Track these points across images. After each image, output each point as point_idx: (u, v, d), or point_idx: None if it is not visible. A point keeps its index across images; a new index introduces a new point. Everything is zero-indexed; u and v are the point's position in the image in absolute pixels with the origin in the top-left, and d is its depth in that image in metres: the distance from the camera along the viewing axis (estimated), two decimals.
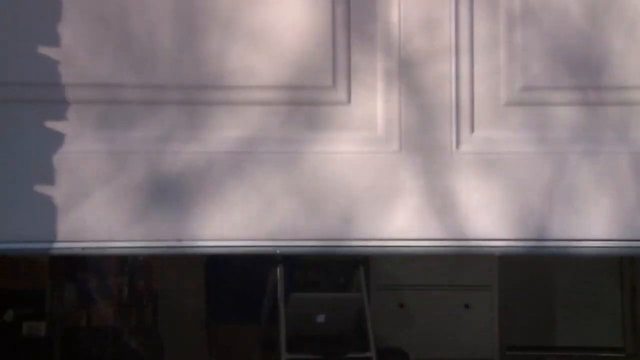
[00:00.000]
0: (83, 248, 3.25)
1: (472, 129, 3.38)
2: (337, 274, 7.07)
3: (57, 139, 3.30)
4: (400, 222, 3.31)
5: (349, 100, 3.40)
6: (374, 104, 3.39)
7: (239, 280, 4.88)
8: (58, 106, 3.31)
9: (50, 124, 3.31)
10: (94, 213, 3.24)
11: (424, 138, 3.37)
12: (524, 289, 7.30)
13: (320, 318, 4.26)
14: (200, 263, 5.13)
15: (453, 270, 6.92)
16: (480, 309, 6.93)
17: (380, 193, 3.32)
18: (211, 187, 3.30)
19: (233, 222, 3.26)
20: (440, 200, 3.30)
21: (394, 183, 3.33)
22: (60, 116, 3.31)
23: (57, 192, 3.26)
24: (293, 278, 5.04)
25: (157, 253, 3.39)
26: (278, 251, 3.25)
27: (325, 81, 3.39)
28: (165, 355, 5.67)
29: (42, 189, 3.27)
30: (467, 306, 6.92)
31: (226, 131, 3.33)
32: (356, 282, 4.56)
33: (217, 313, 5.02)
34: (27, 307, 4.59)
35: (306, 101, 3.39)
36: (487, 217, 3.31)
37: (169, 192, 3.27)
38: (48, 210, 3.25)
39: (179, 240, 3.27)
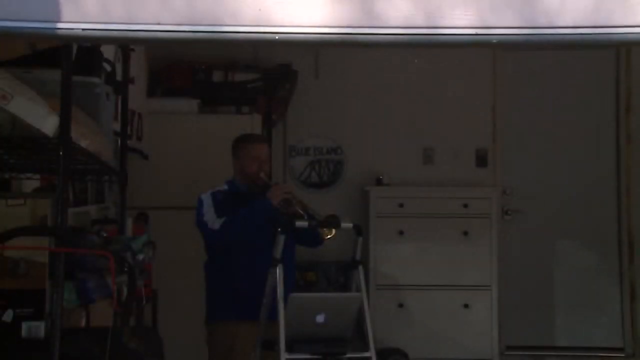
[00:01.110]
0: (83, 29, 3.23)
1: None
2: (337, 274, 7.09)
3: None
4: (397, 6, 3.25)
5: None
6: None
7: (238, 279, 4.89)
8: None
9: None
10: None
11: None
12: (524, 289, 7.33)
13: (320, 318, 4.25)
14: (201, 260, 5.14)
15: (453, 270, 6.94)
16: (480, 309, 6.95)
17: None
18: None
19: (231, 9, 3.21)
20: None
21: None
22: None
23: None
24: (293, 276, 5.04)
25: (155, 37, 3.33)
26: (277, 37, 3.23)
27: None
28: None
29: None
30: (467, 306, 6.93)
31: None
32: (356, 282, 4.56)
33: (217, 312, 5.02)
34: (27, 307, 4.60)
35: None
36: (484, 3, 3.27)
37: None
38: None
39: (179, 24, 3.22)
